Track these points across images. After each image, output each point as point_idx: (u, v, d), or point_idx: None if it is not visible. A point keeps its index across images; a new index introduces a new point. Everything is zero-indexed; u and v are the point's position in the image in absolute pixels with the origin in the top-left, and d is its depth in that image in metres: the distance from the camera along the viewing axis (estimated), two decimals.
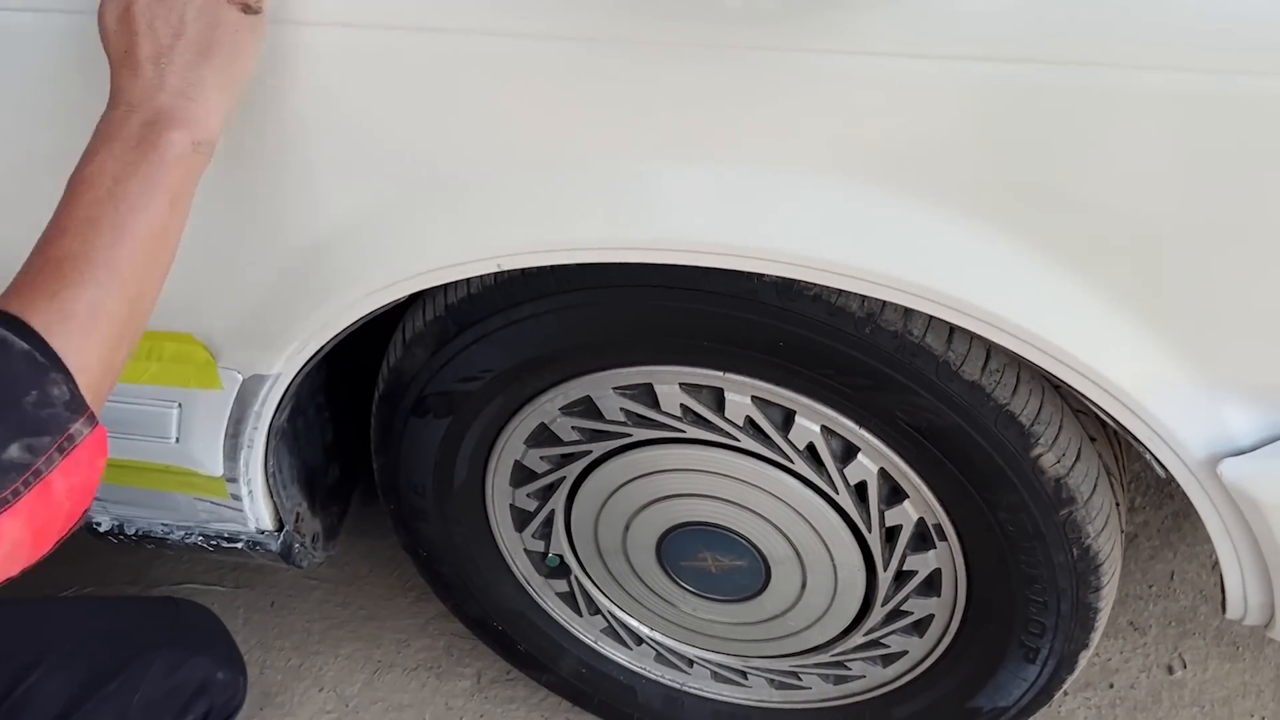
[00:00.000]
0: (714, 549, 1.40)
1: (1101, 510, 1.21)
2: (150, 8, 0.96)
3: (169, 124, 0.95)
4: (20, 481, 0.82)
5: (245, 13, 0.98)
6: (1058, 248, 1.01)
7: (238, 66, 0.99)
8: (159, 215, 0.95)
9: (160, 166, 0.95)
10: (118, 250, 0.92)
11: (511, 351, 1.25)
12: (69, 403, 0.85)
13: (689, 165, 1.04)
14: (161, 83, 0.96)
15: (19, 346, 0.85)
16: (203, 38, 0.97)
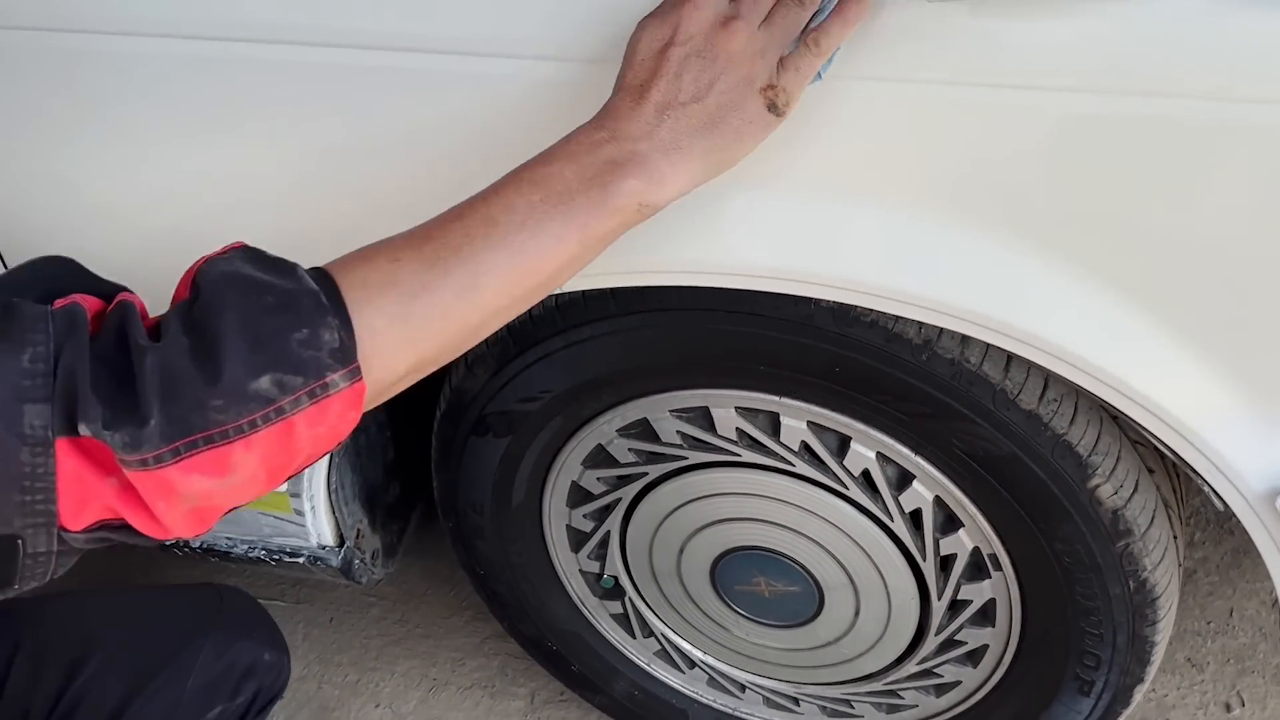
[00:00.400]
0: (768, 574, 1.40)
1: (1159, 543, 1.20)
2: (688, 59, 0.90)
3: (633, 171, 0.89)
4: (260, 415, 0.78)
5: (770, 110, 0.93)
6: (1116, 278, 1.01)
7: (730, 154, 0.93)
8: (559, 253, 0.89)
9: (596, 209, 0.89)
10: (493, 260, 0.87)
11: (571, 373, 1.27)
12: (336, 350, 0.80)
13: (747, 190, 1.05)
14: (655, 131, 0.90)
15: (309, 285, 0.81)
16: (718, 112, 0.91)
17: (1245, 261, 0.97)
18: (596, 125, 0.92)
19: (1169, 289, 1.01)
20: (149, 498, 0.77)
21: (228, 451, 0.77)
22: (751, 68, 0.91)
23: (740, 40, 0.90)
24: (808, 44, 0.92)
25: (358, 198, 1.13)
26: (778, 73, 0.92)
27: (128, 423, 0.75)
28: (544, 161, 0.90)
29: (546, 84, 1.03)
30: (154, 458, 0.75)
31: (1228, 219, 0.96)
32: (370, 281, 0.83)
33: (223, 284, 0.79)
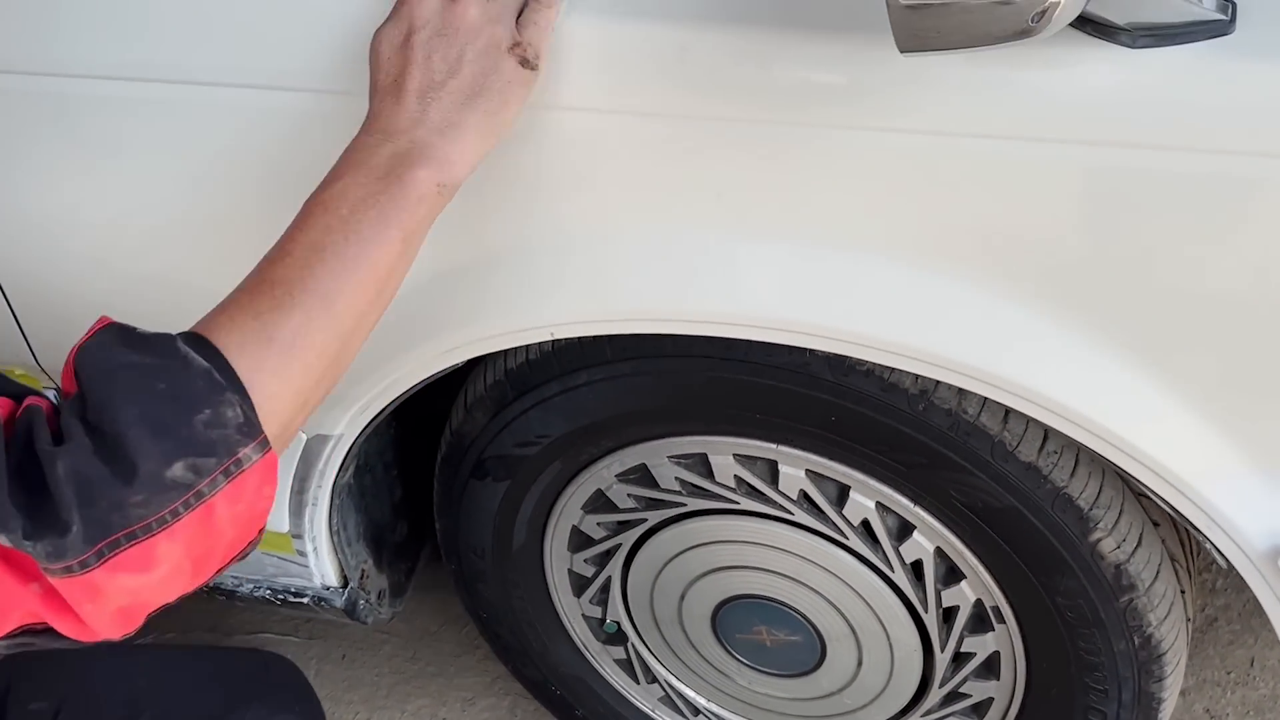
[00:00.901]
0: (769, 623, 1.39)
1: (1164, 598, 1.18)
2: (431, 41, 0.93)
3: (419, 160, 0.92)
4: (180, 502, 0.78)
5: (523, 66, 0.95)
6: (1116, 333, 0.99)
7: (501, 117, 0.95)
8: (389, 253, 0.91)
9: (401, 202, 0.91)
10: (338, 281, 0.88)
11: (568, 418, 1.26)
12: (242, 425, 0.81)
13: (744, 240, 1.04)
14: (423, 117, 0.93)
15: (199, 364, 0.81)
16: (476, 81, 0.93)
17: (1248, 318, 0.96)
18: (367, 132, 0.94)
19: (1170, 344, 0.99)
20: (75, 602, 0.77)
21: (152, 545, 0.77)
22: (493, 32, 0.94)
23: (473, 11, 0.94)
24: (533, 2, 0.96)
25: None
26: (519, 30, 0.95)
27: (49, 532, 0.75)
28: (333, 180, 0.92)
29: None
30: (79, 563, 0.75)
31: (1231, 275, 0.94)
32: (248, 345, 0.84)
33: (108, 378, 0.79)
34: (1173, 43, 0.87)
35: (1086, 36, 0.88)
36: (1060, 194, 0.94)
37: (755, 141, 0.99)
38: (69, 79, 1.12)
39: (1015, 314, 1.00)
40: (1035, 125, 0.92)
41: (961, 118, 0.93)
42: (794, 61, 0.96)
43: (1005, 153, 0.93)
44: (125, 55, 1.09)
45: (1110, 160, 0.91)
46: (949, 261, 1.00)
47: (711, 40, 0.96)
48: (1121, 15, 0.87)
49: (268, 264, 0.89)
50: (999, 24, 0.78)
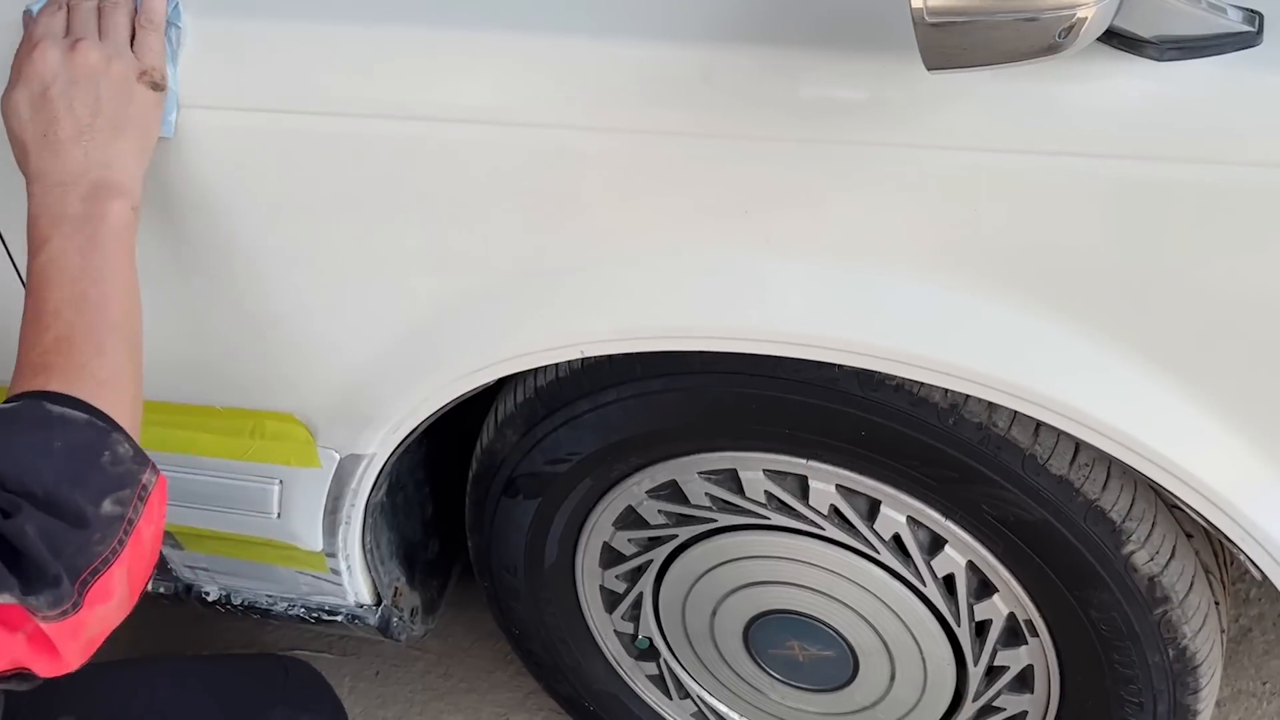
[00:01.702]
0: (801, 638, 1.39)
1: (1199, 610, 1.17)
2: (67, 90, 1.02)
3: (108, 195, 1.01)
4: (121, 532, 0.90)
5: (154, 89, 1.05)
6: (1146, 345, 0.99)
7: (149, 135, 1.05)
8: (127, 275, 1.02)
9: (114, 235, 1.01)
10: (110, 316, 0.99)
11: (598, 435, 1.26)
12: (134, 457, 0.93)
13: (770, 256, 1.04)
14: (87, 159, 1.02)
15: (79, 417, 0.92)
16: (118, 114, 1.03)
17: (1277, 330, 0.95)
18: (43, 190, 1.02)
19: (1199, 356, 0.99)
20: (60, 640, 0.88)
21: (109, 575, 0.89)
22: (118, 67, 1.03)
23: (93, 55, 1.03)
24: (142, 25, 1.05)
25: None
26: (140, 59, 1.04)
27: (45, 586, 0.85)
28: (44, 242, 1.00)
29: None
30: (72, 605, 0.87)
31: (1261, 287, 0.94)
32: (93, 392, 0.94)
33: (6, 455, 0.89)
34: (1199, 55, 0.87)
35: (1113, 50, 0.89)
36: (1088, 208, 0.94)
37: (783, 159, 0.99)
38: None
39: (1044, 328, 1.00)
40: (1064, 140, 0.92)
41: (989, 133, 0.93)
42: (820, 79, 0.96)
43: (1034, 167, 0.93)
44: None
45: (1139, 174, 0.91)
46: (977, 276, 1.00)
47: (737, 59, 0.97)
48: (1148, 29, 0.87)
49: (44, 330, 0.98)
50: (1026, 40, 0.78)
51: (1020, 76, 0.88)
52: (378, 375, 1.24)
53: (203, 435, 1.34)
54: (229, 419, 1.32)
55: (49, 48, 1.03)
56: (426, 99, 1.05)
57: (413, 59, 1.04)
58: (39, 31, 1.05)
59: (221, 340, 1.26)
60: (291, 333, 1.23)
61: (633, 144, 1.02)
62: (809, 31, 0.95)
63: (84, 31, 1.04)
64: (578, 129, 1.02)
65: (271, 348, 1.25)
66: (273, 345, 1.25)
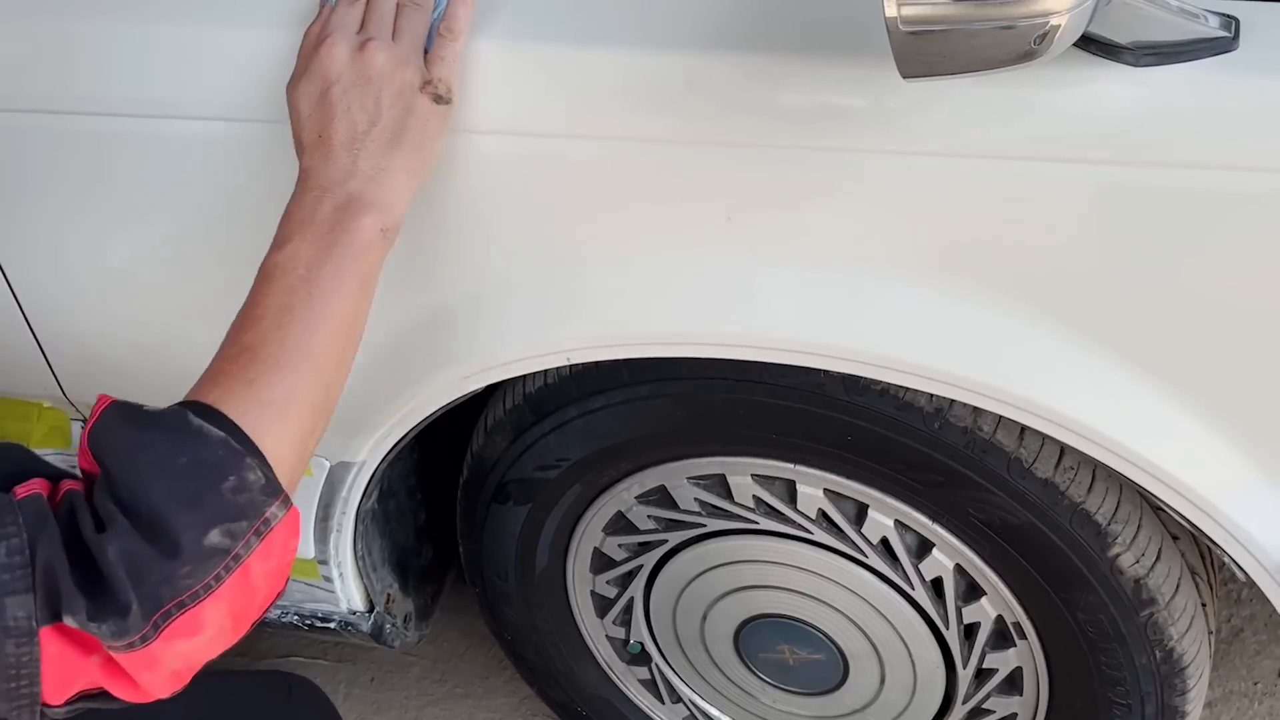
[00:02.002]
0: (791, 641, 1.39)
1: (1185, 611, 1.17)
2: (348, 93, 0.97)
3: (361, 209, 0.95)
4: (222, 567, 0.82)
5: (437, 102, 0.99)
6: (1129, 349, 1.00)
7: (425, 153, 0.99)
8: (350, 301, 0.95)
9: (352, 252, 0.95)
10: (312, 337, 0.92)
11: (587, 441, 1.27)
12: (264, 487, 0.85)
13: (754, 263, 1.05)
14: (354, 168, 0.96)
15: (216, 434, 0.85)
16: (396, 124, 0.97)
17: (1257, 331, 0.96)
18: (303, 190, 0.97)
19: (1183, 359, 1.00)
20: (134, 671, 0.81)
21: (199, 611, 0.81)
22: (405, 75, 0.98)
23: (381, 57, 0.97)
24: (442, 34, 1.00)
25: None
26: (429, 68, 0.99)
27: (111, 614, 0.79)
28: (283, 242, 0.95)
29: None
30: (140, 638, 0.80)
31: (1240, 289, 0.95)
32: (249, 411, 0.87)
33: (129, 459, 0.83)
34: (1176, 61, 0.88)
35: (1091, 56, 0.89)
36: (1070, 212, 0.94)
37: (766, 165, 0.99)
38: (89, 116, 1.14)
39: (1027, 332, 1.00)
40: (1043, 145, 0.92)
41: (970, 139, 0.94)
42: (802, 86, 0.97)
43: (1014, 173, 0.94)
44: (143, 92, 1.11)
45: (1119, 178, 0.92)
46: (961, 281, 1.00)
47: (720, 66, 0.97)
48: (1124, 35, 0.88)
49: (240, 331, 0.93)
50: (1002, 48, 0.79)
51: (999, 83, 0.88)
52: (366, 384, 1.23)
53: None
54: None
55: (338, 43, 0.98)
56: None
57: None
58: (333, 23, 0.99)
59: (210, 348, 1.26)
60: None
61: (616, 151, 1.02)
62: (792, 38, 0.96)
63: (377, 31, 0.98)
64: (561, 136, 1.03)
65: None
66: None
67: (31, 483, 0.83)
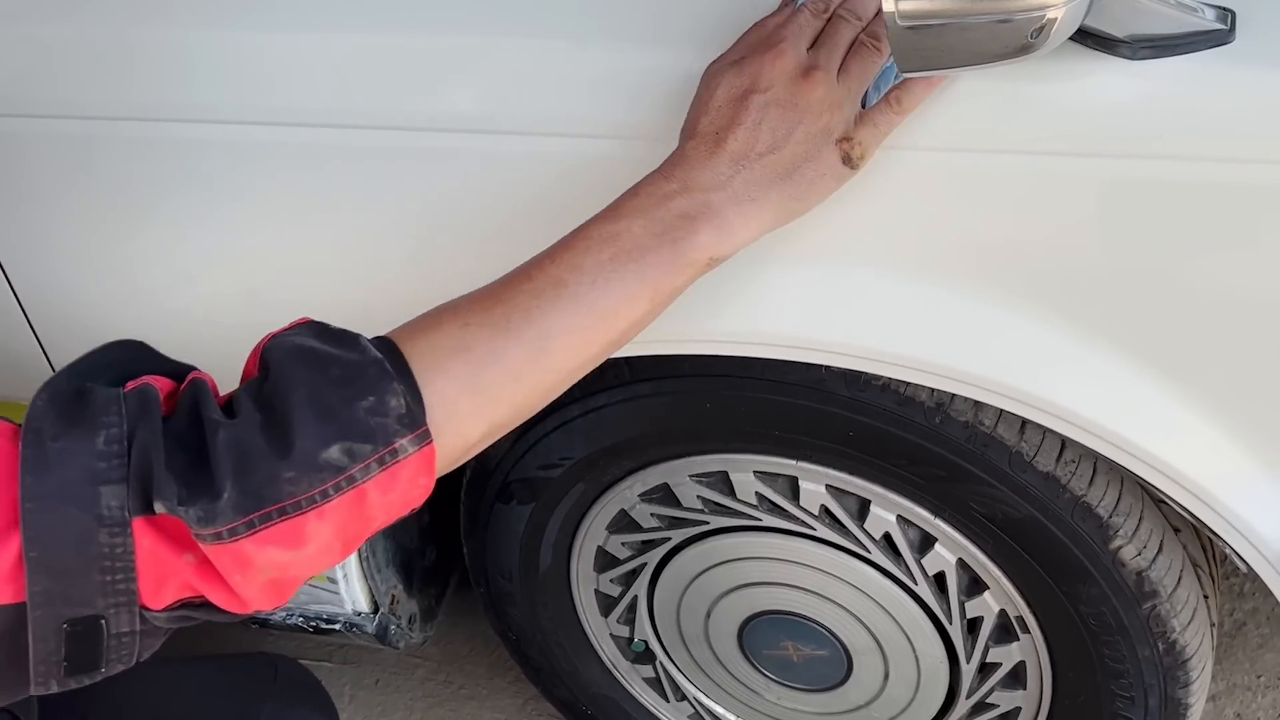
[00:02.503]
0: (795, 638, 1.39)
1: (1188, 604, 1.18)
2: (769, 109, 0.88)
3: (706, 225, 0.88)
4: (331, 484, 0.77)
5: (845, 162, 0.91)
6: (1129, 341, 1.00)
7: (800, 205, 0.92)
8: (630, 310, 0.87)
9: (668, 263, 0.87)
10: (565, 322, 0.85)
11: (589, 439, 1.27)
12: (403, 416, 0.79)
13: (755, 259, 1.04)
14: (729, 182, 0.88)
15: (372, 354, 0.80)
16: (794, 162, 0.89)
17: (1257, 323, 0.96)
18: (665, 175, 0.89)
19: (1183, 351, 1.00)
20: (225, 571, 0.77)
21: (301, 522, 0.76)
22: (831, 119, 0.90)
23: (821, 91, 0.89)
24: (890, 101, 0.91)
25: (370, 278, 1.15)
26: (856, 125, 0.91)
27: (202, 497, 0.74)
28: (612, 218, 0.88)
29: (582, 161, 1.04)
30: (228, 530, 0.75)
31: (1239, 281, 0.95)
32: (439, 348, 0.83)
33: (289, 360, 0.79)
34: (1173, 53, 0.88)
35: (1088, 50, 0.89)
36: (1068, 205, 0.95)
37: None
38: (92, 120, 1.14)
39: (1027, 325, 1.01)
40: (1041, 139, 0.92)
41: (970, 133, 0.94)
42: None
43: (1013, 167, 0.94)
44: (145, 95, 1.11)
45: (1116, 171, 0.92)
46: (960, 275, 1.00)
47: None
48: (1121, 28, 0.88)
49: (507, 280, 0.87)
50: (1000, 41, 0.79)
51: (997, 77, 0.89)
52: None
53: None
54: None
55: (786, 54, 0.89)
56: (413, 107, 1.05)
57: (399, 67, 1.05)
58: (790, 29, 0.91)
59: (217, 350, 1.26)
60: None
61: (614, 149, 1.02)
62: None
63: (827, 61, 0.90)
64: (558, 135, 1.03)
65: None
66: None
67: (144, 377, 0.80)
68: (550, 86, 1.02)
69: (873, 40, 0.91)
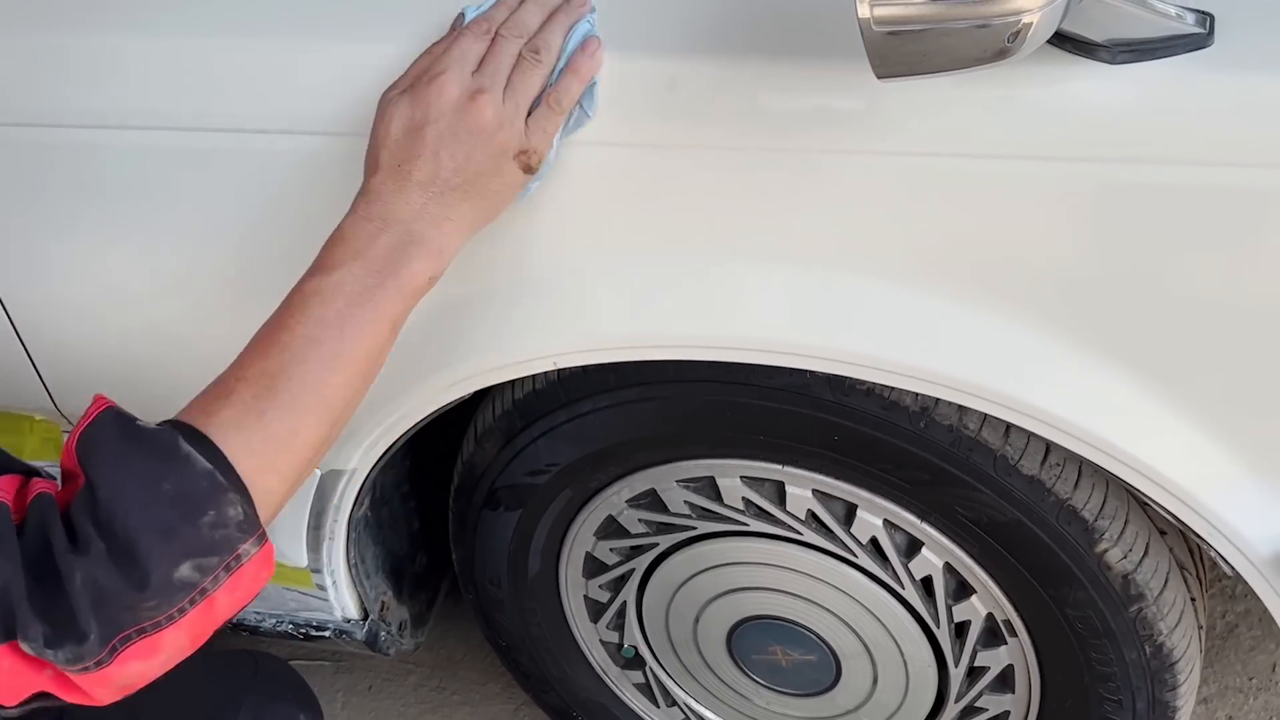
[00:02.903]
0: (784, 643, 1.39)
1: (1174, 606, 1.18)
2: (443, 138, 0.94)
3: (418, 253, 0.94)
4: (186, 600, 0.83)
5: (524, 171, 0.98)
6: (1112, 346, 1.00)
7: (492, 213, 0.99)
8: (378, 344, 0.94)
9: (396, 294, 0.94)
10: (333, 376, 0.91)
11: (576, 445, 1.27)
12: (242, 523, 0.85)
13: (737, 265, 1.05)
14: (424, 209, 0.94)
15: (202, 465, 0.84)
16: (479, 182, 0.95)
17: (1239, 326, 0.96)
18: (365, 216, 0.95)
19: (1166, 355, 1.00)
20: (86, 686, 0.83)
21: (159, 638, 0.83)
22: (504, 136, 0.95)
23: (489, 113, 0.94)
24: (549, 104, 0.97)
25: None
26: (528, 135, 0.97)
27: (68, 640, 0.80)
28: (329, 268, 0.93)
29: None
30: (95, 663, 0.81)
31: (1221, 284, 0.95)
32: (253, 444, 0.87)
33: (114, 475, 0.83)
34: (1152, 57, 0.88)
35: (1067, 54, 0.90)
36: (1049, 209, 0.95)
37: (747, 168, 1.00)
38: (79, 129, 1.14)
39: (1010, 329, 1.01)
40: (1022, 144, 0.93)
41: (949, 138, 0.94)
42: (782, 88, 0.97)
43: (994, 171, 0.94)
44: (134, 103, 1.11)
45: (1097, 174, 0.92)
46: (943, 280, 1.01)
47: (701, 70, 0.98)
48: (1100, 32, 0.88)
49: (263, 353, 0.91)
50: (978, 46, 0.79)
51: (977, 82, 0.89)
52: None
53: None
54: None
55: (450, 83, 0.94)
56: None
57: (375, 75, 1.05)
58: (452, 55, 0.96)
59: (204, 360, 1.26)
60: None
61: (598, 155, 1.03)
62: (771, 40, 0.96)
63: (491, 81, 0.95)
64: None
65: None
66: None
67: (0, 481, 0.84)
68: None
69: (533, 54, 0.97)
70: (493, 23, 0.98)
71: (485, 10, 1.00)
